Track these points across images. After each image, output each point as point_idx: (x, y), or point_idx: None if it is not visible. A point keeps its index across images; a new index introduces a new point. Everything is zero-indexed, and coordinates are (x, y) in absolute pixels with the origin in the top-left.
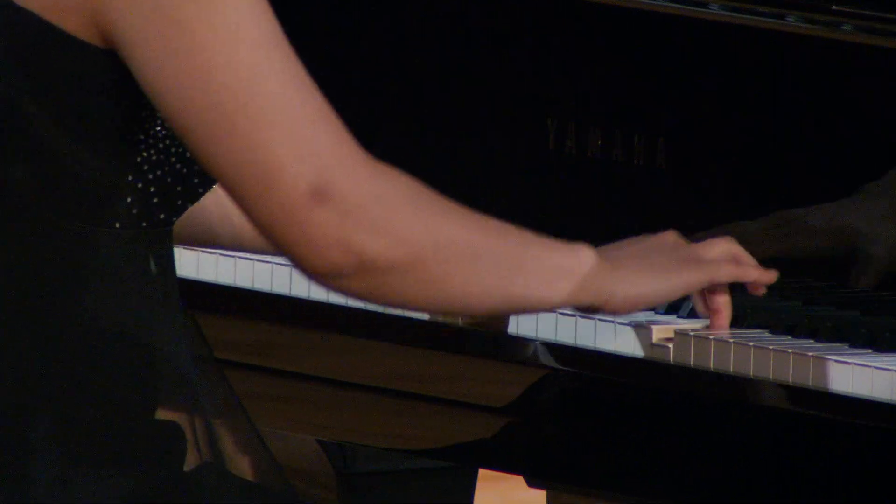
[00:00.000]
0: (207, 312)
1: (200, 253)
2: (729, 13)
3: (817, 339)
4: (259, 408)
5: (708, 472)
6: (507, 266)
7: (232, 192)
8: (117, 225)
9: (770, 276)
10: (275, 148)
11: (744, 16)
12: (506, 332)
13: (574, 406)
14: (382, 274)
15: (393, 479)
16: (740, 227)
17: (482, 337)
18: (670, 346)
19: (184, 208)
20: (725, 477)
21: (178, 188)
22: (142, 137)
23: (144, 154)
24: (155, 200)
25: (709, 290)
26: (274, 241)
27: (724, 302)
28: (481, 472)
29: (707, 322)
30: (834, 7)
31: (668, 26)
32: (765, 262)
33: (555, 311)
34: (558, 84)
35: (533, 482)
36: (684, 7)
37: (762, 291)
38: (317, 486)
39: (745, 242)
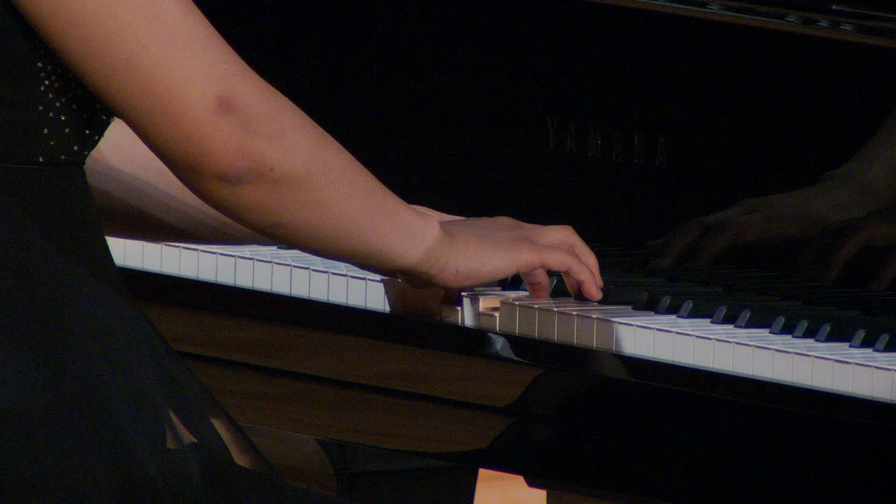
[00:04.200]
0: (207, 312)
1: (201, 253)
2: (729, 13)
3: (817, 339)
4: (259, 408)
5: (708, 472)
6: (376, 206)
7: (139, 122)
8: (41, 159)
9: (597, 285)
10: (181, 65)
11: (744, 16)
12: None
13: (574, 406)
14: (276, 184)
15: (393, 479)
16: (741, 224)
17: (482, 337)
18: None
19: (92, 140)
20: (725, 477)
21: (85, 115)
22: (40, 65)
23: (47, 82)
24: (67, 130)
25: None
26: (173, 156)
27: (541, 274)
28: (481, 472)
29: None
30: (834, 7)
31: (668, 26)
32: (765, 262)
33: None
34: (558, 84)
35: (533, 482)
36: (684, 7)
37: (594, 297)
38: (317, 486)
39: (746, 239)
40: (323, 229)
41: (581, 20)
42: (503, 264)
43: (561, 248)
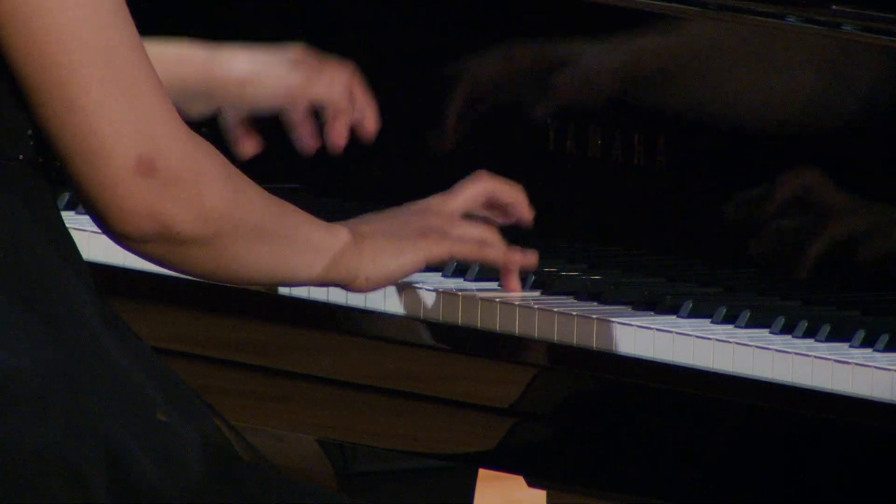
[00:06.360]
0: (207, 312)
1: None
2: (729, 13)
3: (817, 339)
4: (259, 408)
5: (708, 472)
6: (286, 247)
7: (62, 155)
8: (21, 157)
9: (525, 259)
10: (117, 117)
11: (744, 16)
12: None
13: (574, 406)
14: (182, 244)
15: (393, 479)
16: (741, 223)
17: (483, 337)
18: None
19: None
20: (725, 477)
21: None
22: None
23: None
24: (43, 135)
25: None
26: (89, 204)
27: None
28: (481, 472)
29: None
30: (834, 7)
31: (668, 26)
32: (765, 262)
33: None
34: (558, 84)
35: (533, 482)
36: (684, 7)
37: (511, 288)
38: None
39: (747, 240)
40: (232, 274)
41: (581, 20)
42: (411, 263)
43: (472, 234)
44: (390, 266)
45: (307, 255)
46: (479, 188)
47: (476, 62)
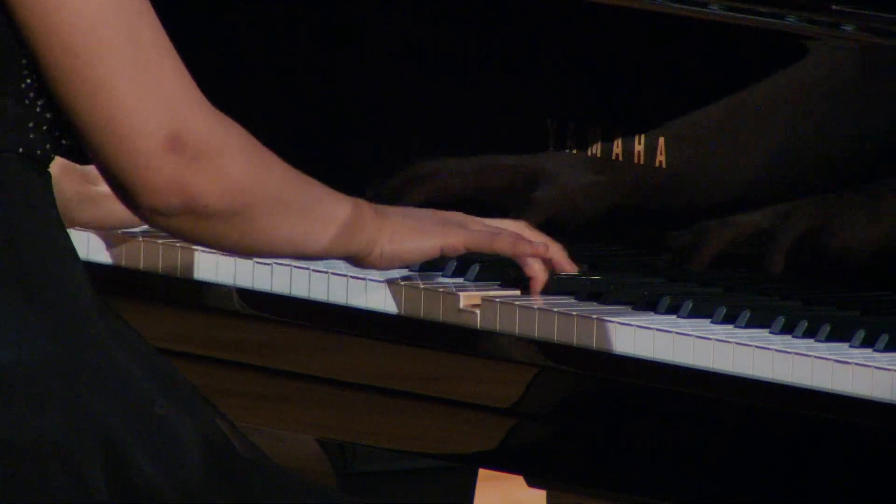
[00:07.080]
0: (208, 312)
1: (200, 253)
2: (729, 13)
3: (817, 339)
4: (259, 408)
5: (707, 472)
6: (307, 219)
7: (89, 138)
8: (21, 150)
9: (536, 249)
10: (144, 97)
11: (744, 16)
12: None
13: (574, 406)
14: (210, 218)
15: (393, 479)
16: (741, 224)
17: (483, 337)
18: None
19: (61, 144)
20: (725, 477)
21: (62, 118)
22: (24, 62)
23: (29, 80)
24: (45, 128)
25: (521, 259)
26: (116, 182)
27: (537, 269)
28: (481, 472)
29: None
30: (834, 7)
31: (668, 26)
32: (765, 262)
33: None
34: (558, 84)
35: (533, 482)
36: (684, 7)
37: (567, 270)
38: None
39: (745, 240)
40: (254, 247)
41: (581, 20)
42: (429, 246)
43: (497, 230)
44: (406, 245)
45: (328, 226)
46: (516, 227)
47: (476, 62)
